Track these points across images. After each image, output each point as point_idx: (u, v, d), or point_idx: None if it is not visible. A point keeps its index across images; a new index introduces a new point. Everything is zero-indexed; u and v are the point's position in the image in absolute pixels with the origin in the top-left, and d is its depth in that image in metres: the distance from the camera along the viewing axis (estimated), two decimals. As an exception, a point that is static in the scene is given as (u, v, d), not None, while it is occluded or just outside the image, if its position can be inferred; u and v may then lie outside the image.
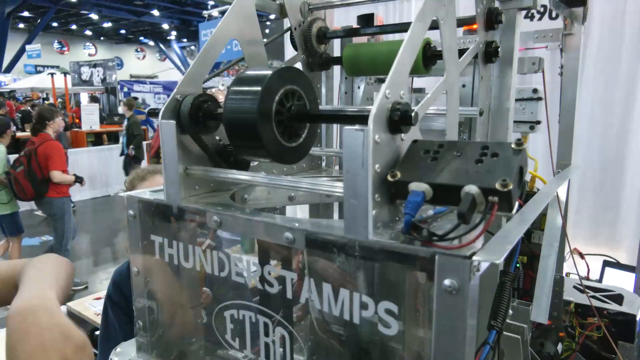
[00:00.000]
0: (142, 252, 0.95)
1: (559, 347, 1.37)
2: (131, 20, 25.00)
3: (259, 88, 0.72)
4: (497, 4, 0.98)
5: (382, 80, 1.35)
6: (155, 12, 23.78)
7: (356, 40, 1.28)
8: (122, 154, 7.88)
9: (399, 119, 0.64)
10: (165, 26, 26.56)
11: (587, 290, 1.41)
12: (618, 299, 1.45)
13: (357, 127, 0.62)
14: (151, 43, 31.45)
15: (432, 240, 0.59)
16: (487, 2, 0.95)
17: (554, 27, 1.39)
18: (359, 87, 1.28)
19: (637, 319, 1.36)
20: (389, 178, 0.64)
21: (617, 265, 2.55)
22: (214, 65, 0.98)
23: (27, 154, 4.51)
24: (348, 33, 1.19)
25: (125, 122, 7.88)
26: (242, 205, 1.00)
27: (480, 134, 1.02)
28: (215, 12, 5.87)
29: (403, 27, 1.14)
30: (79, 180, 4.79)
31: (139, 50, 32.93)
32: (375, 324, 0.66)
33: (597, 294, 1.47)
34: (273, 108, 0.74)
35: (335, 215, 1.37)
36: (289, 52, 4.19)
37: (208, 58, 0.94)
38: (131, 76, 25.63)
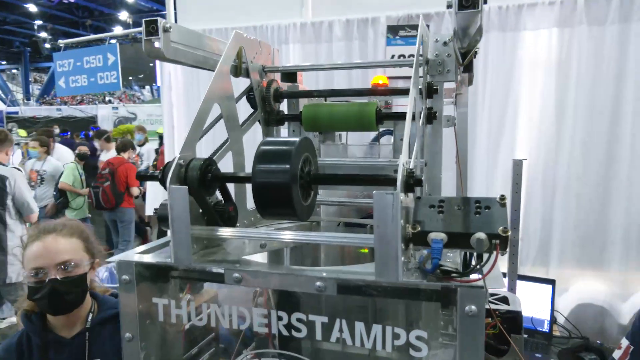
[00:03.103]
0: (139, 317, 0.95)
1: (470, 346, 1.66)
2: None
3: (289, 156, 0.82)
4: (429, 79, 1.24)
5: (321, 133, 1.52)
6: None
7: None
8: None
9: (413, 182, 0.81)
10: (-22, 46, 22.94)
11: (484, 296, 1.75)
12: (505, 300, 1.83)
13: (386, 190, 0.78)
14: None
15: (453, 277, 0.77)
16: (426, 79, 1.20)
17: (447, 88, 1.73)
18: (307, 140, 1.43)
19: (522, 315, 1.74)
20: (411, 230, 0.80)
21: (477, 271, 3.09)
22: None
23: (111, 172, 5.55)
24: (302, 94, 1.33)
25: None
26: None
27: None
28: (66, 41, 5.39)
29: (355, 92, 1.34)
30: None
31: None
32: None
33: (490, 299, 1.82)
34: (298, 173, 0.85)
35: (286, 261, 1.46)
36: (165, 76, 4.11)
37: (201, 122, 1.00)
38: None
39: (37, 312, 1.43)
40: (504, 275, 2.42)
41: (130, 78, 27.18)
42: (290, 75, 1.60)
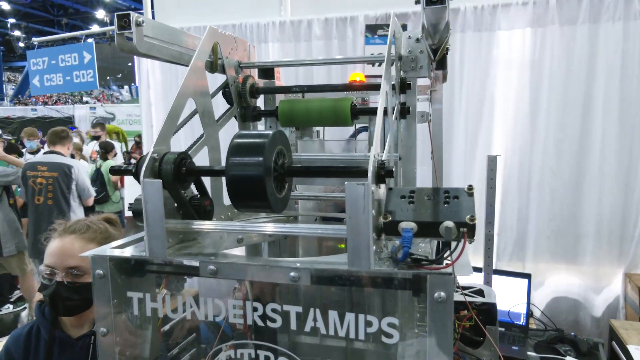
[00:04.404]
0: (114, 311, 0.95)
1: (447, 338, 1.70)
2: None
3: (262, 149, 0.83)
4: (402, 75, 1.26)
5: (297, 129, 1.53)
6: None
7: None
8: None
9: (384, 173, 0.83)
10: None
11: (460, 289, 1.78)
12: (480, 293, 1.87)
13: (357, 182, 0.79)
14: None
15: (423, 264, 0.79)
16: (399, 74, 1.22)
17: (422, 85, 1.76)
18: (283, 135, 1.44)
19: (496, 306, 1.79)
20: (382, 219, 0.82)
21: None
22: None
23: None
24: (278, 90, 1.34)
25: None
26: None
27: (398, 174, 1.28)
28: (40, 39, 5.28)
29: (331, 88, 1.35)
30: None
31: None
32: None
33: (465, 291, 1.86)
34: (272, 165, 0.86)
35: (264, 254, 1.47)
36: (144, 76, 4.07)
37: (175, 117, 1.01)
38: None
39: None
40: (480, 270, 2.47)
41: (109, 78, 26.75)
42: (267, 72, 1.60)
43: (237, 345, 0.91)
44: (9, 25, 21.12)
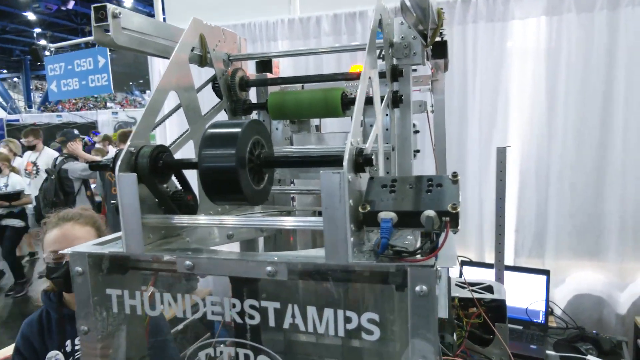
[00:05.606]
0: (94, 309, 0.93)
1: (454, 337, 1.64)
2: None
3: (235, 139, 0.80)
4: (395, 62, 1.21)
5: (293, 122, 1.50)
6: (-35, 40, 20.59)
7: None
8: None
9: (363, 161, 0.79)
10: (-21, 56, 23.11)
11: (467, 285, 1.72)
12: (489, 289, 1.80)
13: (333, 170, 0.75)
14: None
15: (403, 256, 0.75)
16: (390, 61, 1.17)
17: (424, 74, 1.71)
18: (277, 129, 1.41)
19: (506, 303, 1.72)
20: (361, 210, 0.78)
21: (471, 263, 3.06)
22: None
23: None
24: (269, 82, 1.31)
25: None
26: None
27: (393, 164, 1.23)
28: (57, 45, 5.39)
29: (321, 78, 1.32)
30: None
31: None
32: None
33: (474, 288, 1.79)
34: (246, 156, 0.82)
35: (260, 248, 1.44)
36: (155, 78, 4.11)
37: (154, 111, 0.98)
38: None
39: (55, 291, 1.63)
40: (492, 266, 2.39)
41: (131, 83, 27.29)
42: (265, 66, 1.58)
43: (217, 343, 0.88)
44: (35, 35, 21.74)
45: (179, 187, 1.02)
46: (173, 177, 0.99)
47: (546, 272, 2.84)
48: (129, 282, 0.94)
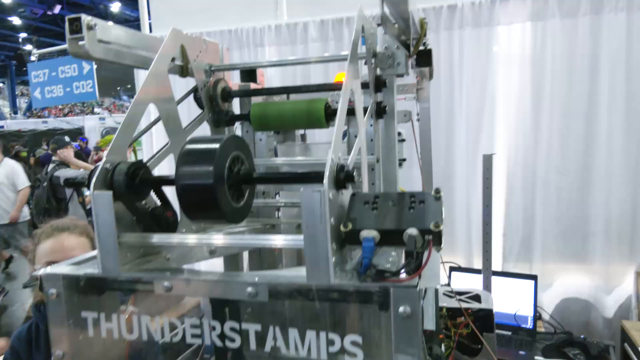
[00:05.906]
0: (69, 333, 0.90)
1: (442, 348, 1.63)
2: None
3: (213, 155, 0.78)
4: (379, 72, 1.20)
5: (278, 132, 1.47)
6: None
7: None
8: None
9: (344, 177, 0.77)
10: (-38, 61, 22.75)
11: (455, 295, 1.71)
12: (477, 298, 1.79)
13: (313, 188, 0.73)
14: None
15: (386, 276, 0.73)
16: (374, 71, 1.16)
17: (409, 83, 1.69)
18: (260, 140, 1.39)
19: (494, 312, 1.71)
20: (342, 228, 0.76)
21: (460, 269, 3.06)
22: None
23: None
24: (252, 92, 1.29)
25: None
26: (171, 265, 1.01)
27: (377, 176, 1.21)
28: (40, 51, 5.32)
29: (307, 89, 1.30)
30: None
31: None
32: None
33: (461, 297, 1.78)
34: (225, 173, 0.80)
35: (244, 264, 1.42)
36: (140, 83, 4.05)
37: (132, 125, 0.96)
38: None
39: (45, 304, 1.55)
40: (480, 272, 2.39)
41: (119, 88, 27.06)
42: (250, 76, 1.56)
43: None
44: (20, 40, 21.47)
45: (159, 203, 1.00)
46: (152, 193, 0.97)
47: (534, 277, 2.85)
48: (106, 303, 0.91)
